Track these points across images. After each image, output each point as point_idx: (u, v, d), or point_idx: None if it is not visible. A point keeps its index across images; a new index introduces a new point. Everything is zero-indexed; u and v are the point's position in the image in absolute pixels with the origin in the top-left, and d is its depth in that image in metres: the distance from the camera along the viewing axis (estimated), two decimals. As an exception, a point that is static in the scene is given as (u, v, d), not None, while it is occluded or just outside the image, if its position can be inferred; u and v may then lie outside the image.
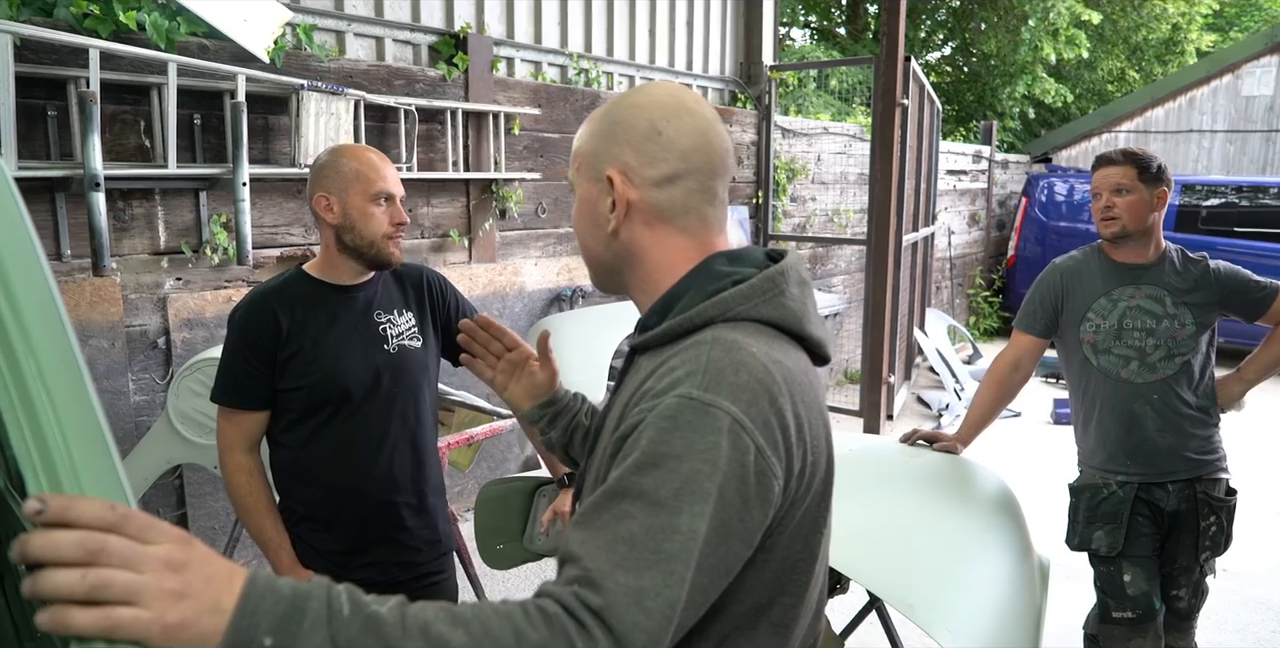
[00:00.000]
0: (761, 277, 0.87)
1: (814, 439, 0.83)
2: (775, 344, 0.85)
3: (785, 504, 0.80)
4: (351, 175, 1.64)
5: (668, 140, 0.89)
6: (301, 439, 1.68)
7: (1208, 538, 2.19)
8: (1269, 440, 5.34)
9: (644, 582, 0.69)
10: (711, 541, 0.73)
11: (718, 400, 0.76)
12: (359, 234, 1.64)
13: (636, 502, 0.72)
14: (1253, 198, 8.04)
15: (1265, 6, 15.96)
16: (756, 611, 0.84)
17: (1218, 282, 2.16)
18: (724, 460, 0.74)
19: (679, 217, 0.91)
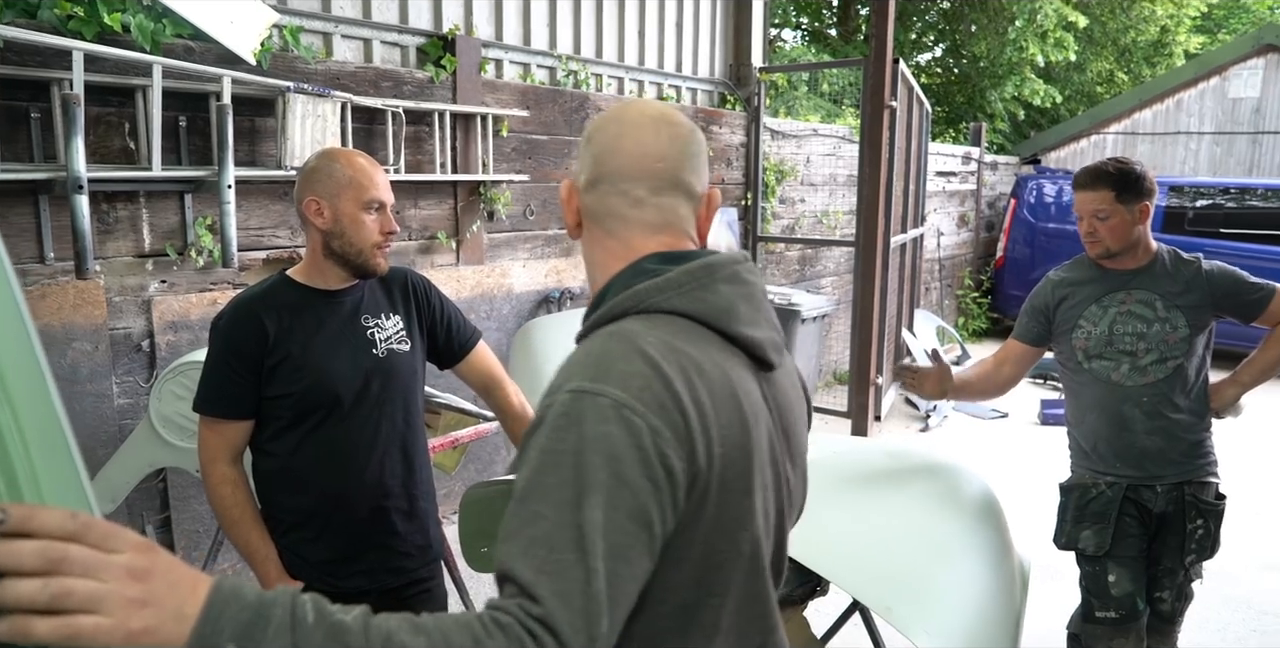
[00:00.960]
0: (679, 270, 0.89)
1: (724, 432, 0.83)
2: (686, 336, 0.86)
3: (696, 492, 0.80)
4: (345, 181, 1.63)
5: (594, 147, 0.97)
6: (290, 447, 1.66)
7: (1194, 541, 2.20)
8: (1256, 442, 5.38)
9: (568, 584, 0.71)
10: (627, 527, 0.74)
11: (606, 389, 0.78)
12: (348, 241, 1.63)
13: (543, 503, 0.74)
14: (1239, 199, 8.09)
15: (1253, 8, 16.06)
16: (683, 611, 0.84)
17: (1210, 283, 2.16)
18: (621, 447, 0.75)
19: (604, 219, 0.97)
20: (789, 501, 0.97)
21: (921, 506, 1.91)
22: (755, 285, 0.94)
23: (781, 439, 0.95)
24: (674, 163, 0.95)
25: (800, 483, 1.01)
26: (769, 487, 0.91)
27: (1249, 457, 5.02)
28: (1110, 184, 2.11)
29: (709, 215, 1.01)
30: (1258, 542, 3.88)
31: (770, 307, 0.97)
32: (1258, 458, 5.06)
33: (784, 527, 0.97)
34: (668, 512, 0.78)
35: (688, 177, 0.97)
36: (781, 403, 0.97)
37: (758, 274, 0.96)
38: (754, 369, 0.92)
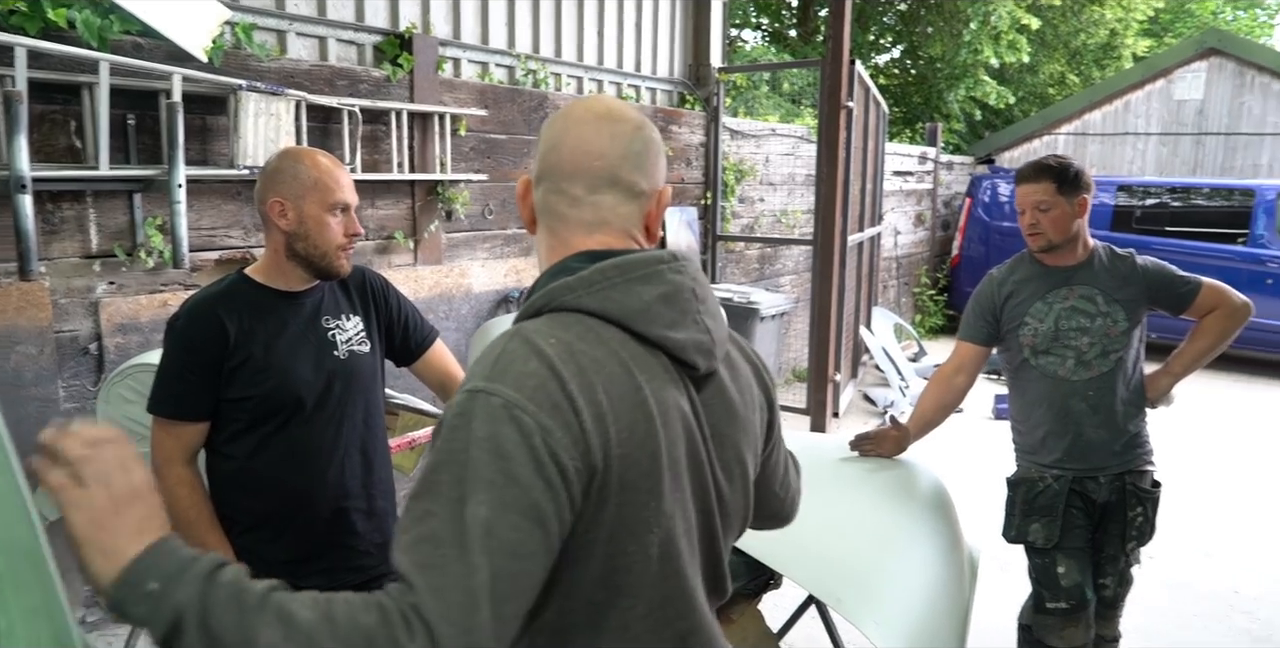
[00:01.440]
0: (593, 269, 0.89)
1: (623, 433, 0.83)
2: (594, 336, 0.86)
3: (594, 492, 0.81)
4: (310, 183, 1.61)
5: (540, 144, 0.98)
6: (249, 449, 1.65)
7: (1134, 528, 2.27)
8: (1190, 431, 5.55)
9: (446, 578, 0.73)
10: (519, 525, 0.75)
11: (499, 389, 0.79)
12: (312, 244, 1.62)
13: (434, 499, 0.76)
14: (1184, 199, 8.33)
15: (1197, 13, 16.51)
16: (593, 608, 0.85)
17: (1145, 277, 2.24)
18: (509, 446, 0.77)
19: (544, 216, 0.98)
20: (721, 510, 0.96)
21: (873, 499, 1.95)
22: (680, 285, 0.91)
23: (713, 447, 0.94)
24: (613, 161, 0.94)
25: (738, 494, 0.99)
26: (688, 491, 0.90)
27: (1180, 445, 5.18)
28: (1052, 176, 2.18)
29: (659, 213, 0.99)
30: (1196, 528, 4.01)
31: (708, 307, 0.94)
32: (1188, 446, 5.22)
33: (715, 535, 0.95)
34: (564, 510, 0.79)
35: (628, 175, 0.95)
36: (719, 410, 0.95)
37: (687, 273, 0.93)
38: (678, 372, 0.90)
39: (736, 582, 1.92)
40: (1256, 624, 3.18)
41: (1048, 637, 2.24)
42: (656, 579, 0.87)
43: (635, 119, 0.96)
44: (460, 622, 0.72)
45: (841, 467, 2.12)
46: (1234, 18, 18.68)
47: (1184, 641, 3.07)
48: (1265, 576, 3.56)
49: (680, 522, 0.88)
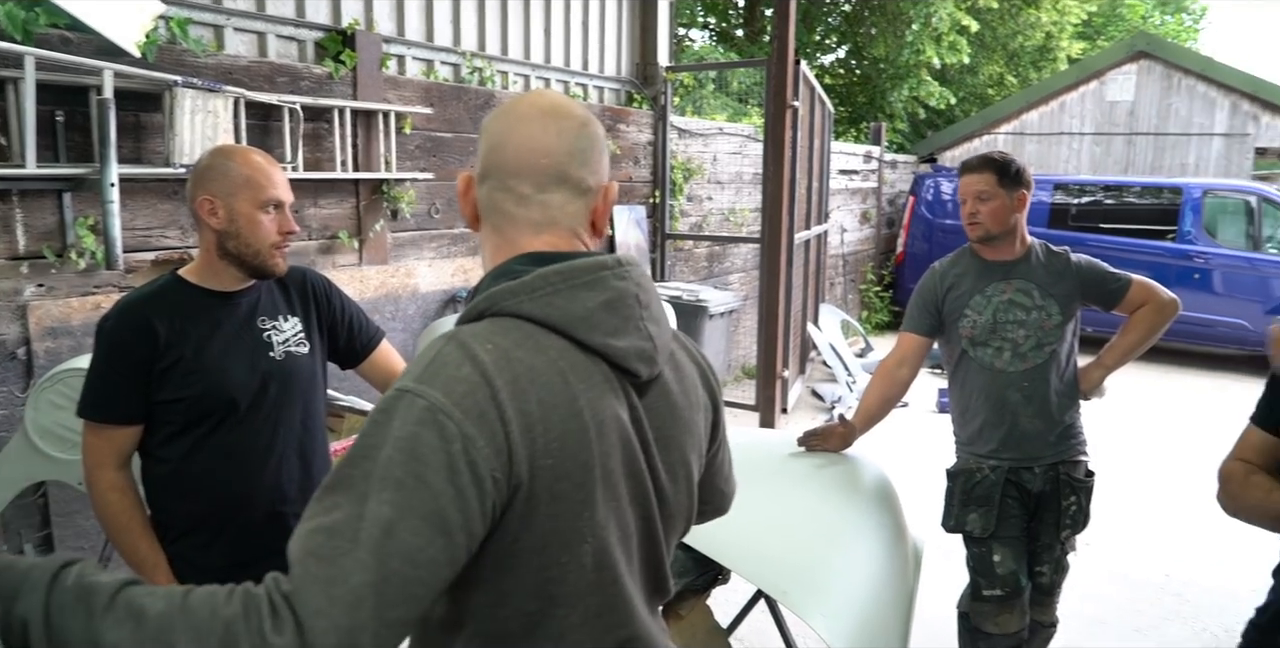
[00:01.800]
0: (535, 274, 0.87)
1: (554, 443, 0.82)
2: (532, 343, 0.84)
3: (520, 502, 0.80)
4: (240, 180, 1.58)
5: (484, 141, 0.95)
6: (182, 452, 1.62)
7: (1068, 517, 2.35)
8: (1121, 421, 5.74)
9: (332, 570, 0.71)
10: (420, 530, 0.73)
11: (427, 391, 0.78)
12: (244, 242, 1.59)
13: (344, 492, 0.75)
14: (1117, 196, 8.61)
15: (1128, 17, 17.06)
16: (526, 618, 0.84)
17: (1079, 273, 2.32)
18: (425, 449, 0.75)
19: (490, 214, 0.95)
20: (664, 512, 0.95)
21: (818, 493, 1.98)
22: (624, 291, 0.90)
23: (658, 450, 0.93)
24: (561, 158, 0.92)
25: (683, 495, 0.98)
26: (625, 499, 0.89)
27: (1112, 436, 5.36)
28: (994, 168, 2.25)
29: (605, 209, 0.97)
30: (1128, 516, 4.15)
31: (651, 313, 0.92)
32: (1120, 437, 5.41)
33: (656, 539, 0.94)
34: (474, 522, 0.77)
35: (577, 172, 0.93)
36: (663, 413, 0.95)
37: (631, 278, 0.91)
38: (619, 379, 0.89)
39: (685, 578, 1.94)
40: (1186, 606, 3.31)
41: (984, 624, 2.31)
42: (592, 588, 0.86)
43: (581, 115, 0.95)
44: (337, 619, 0.69)
45: (788, 462, 2.15)
46: (1162, 22, 19.36)
47: (1119, 624, 3.17)
48: (1194, 560, 3.70)
49: (615, 530, 0.88)
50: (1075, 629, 3.04)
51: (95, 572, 0.73)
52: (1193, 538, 3.91)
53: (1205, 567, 3.63)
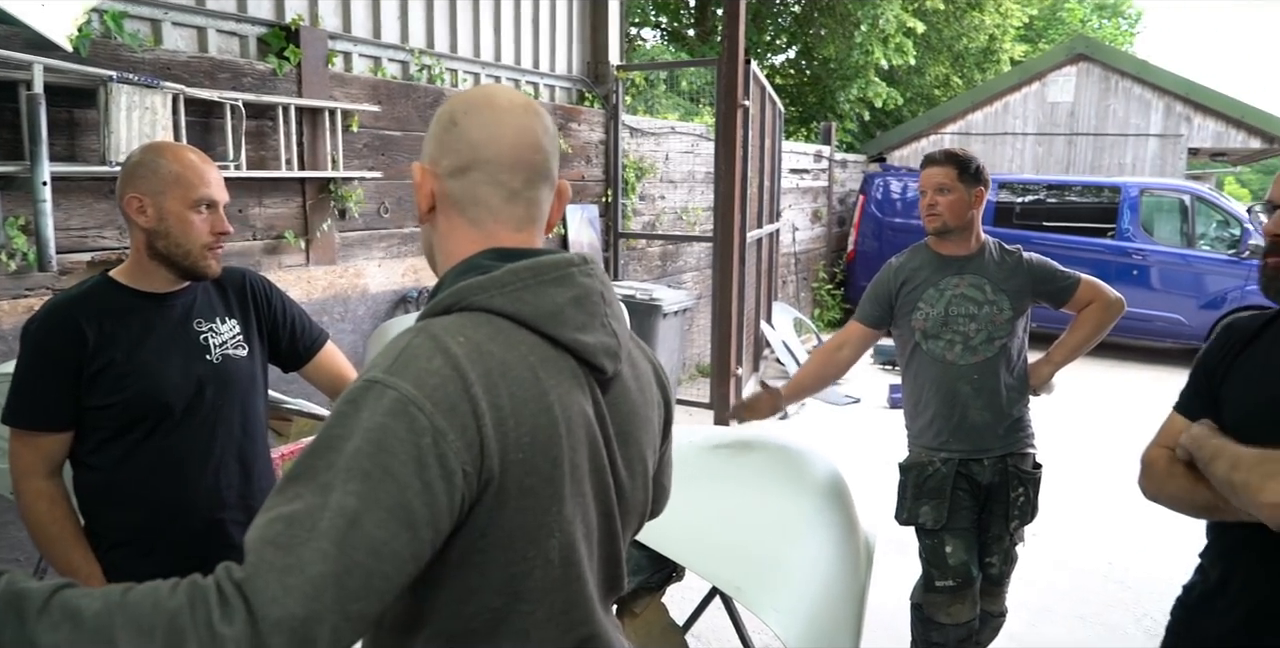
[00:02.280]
0: (505, 269, 0.87)
1: (525, 438, 0.81)
2: (504, 338, 0.84)
3: (490, 497, 0.80)
4: (170, 178, 1.53)
5: (461, 132, 0.92)
6: (115, 459, 1.56)
7: (1016, 508, 2.40)
8: (1066, 414, 5.90)
9: (290, 559, 0.68)
10: (386, 523, 0.72)
11: (398, 383, 0.77)
12: (174, 242, 1.54)
13: (307, 483, 0.73)
14: (1059, 195, 8.84)
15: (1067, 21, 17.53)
16: (491, 615, 0.84)
17: (1030, 271, 2.38)
18: (394, 441, 0.74)
19: (469, 207, 0.93)
20: (622, 508, 0.95)
21: (771, 489, 2.00)
22: (590, 288, 0.90)
23: (618, 446, 0.94)
24: (547, 155, 0.94)
25: (639, 490, 0.98)
26: (589, 495, 0.89)
27: (1058, 428, 5.50)
28: (956, 163, 2.31)
29: (560, 206, 1.00)
30: (1074, 507, 4.26)
31: (614, 310, 0.94)
32: (1065, 429, 5.55)
33: (615, 535, 0.95)
34: (441, 517, 0.75)
35: (554, 170, 0.96)
36: (623, 409, 0.95)
37: (596, 276, 0.92)
38: (585, 375, 0.90)
39: (640, 575, 1.94)
40: (1128, 593, 3.40)
41: (937, 614, 2.34)
42: (558, 584, 0.86)
43: (547, 113, 0.98)
44: (293, 608, 0.66)
45: (741, 459, 2.16)
46: (1100, 26, 19.92)
47: (1065, 612, 3.25)
48: (1135, 548, 3.82)
49: (580, 526, 0.88)
50: (1023, 618, 3.11)
51: (26, 580, 0.69)
52: (1134, 528, 4.03)
53: (1146, 555, 3.74)
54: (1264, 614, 1.25)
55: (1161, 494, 1.36)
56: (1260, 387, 1.29)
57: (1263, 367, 1.31)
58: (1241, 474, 1.14)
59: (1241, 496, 1.13)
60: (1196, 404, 1.38)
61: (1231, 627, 1.28)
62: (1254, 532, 1.19)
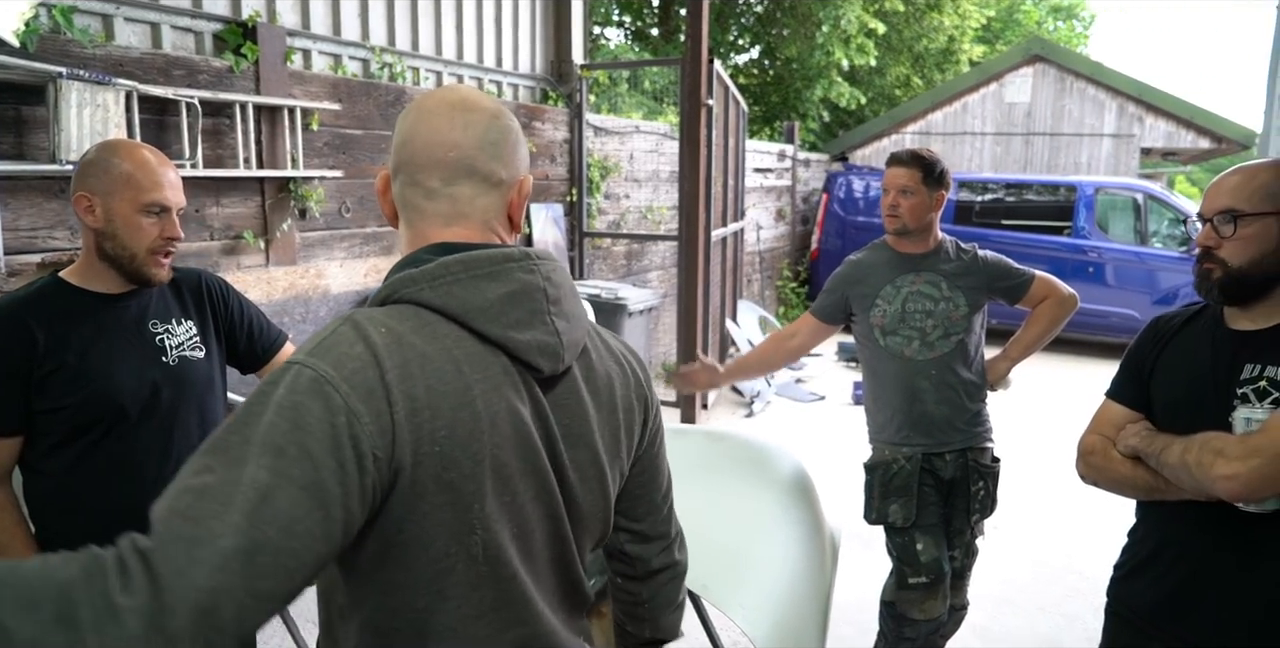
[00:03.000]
0: (436, 262, 0.86)
1: (442, 431, 0.80)
2: (429, 331, 0.83)
3: (403, 488, 0.79)
4: (121, 179, 1.49)
5: (395, 137, 0.95)
6: (67, 464, 1.52)
7: (977, 502, 2.44)
8: (1023, 409, 6.00)
9: (200, 531, 0.67)
10: (300, 501, 0.71)
11: (316, 364, 0.77)
12: (121, 245, 1.51)
13: (219, 456, 0.72)
14: (1017, 194, 8.99)
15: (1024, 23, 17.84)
16: (417, 610, 0.83)
17: (985, 268, 2.42)
18: (311, 419, 0.74)
19: (404, 210, 0.95)
20: (573, 511, 0.93)
21: (736, 485, 2.00)
22: (529, 284, 0.88)
23: (565, 448, 0.91)
24: (468, 151, 0.91)
25: (594, 495, 0.96)
26: (523, 494, 0.87)
27: (1016, 423, 5.60)
28: (921, 166, 2.34)
29: (521, 203, 0.96)
30: (1032, 501, 4.34)
31: (561, 308, 0.91)
32: (1023, 424, 5.65)
33: (564, 538, 0.93)
34: (353, 498, 0.74)
35: (486, 165, 0.92)
36: (573, 410, 0.93)
37: (539, 272, 0.90)
38: (520, 373, 0.88)
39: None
40: (1086, 583, 3.48)
41: (910, 611, 2.37)
42: (486, 581, 0.85)
43: (491, 108, 0.94)
44: (199, 580, 0.65)
45: (706, 456, 2.16)
46: (1055, 28, 20.30)
47: (1026, 603, 3.32)
48: (1092, 540, 3.90)
49: (508, 526, 0.86)
50: (985, 610, 3.16)
51: None
52: (1090, 520, 4.11)
53: (1103, 546, 3.81)
54: (1195, 582, 1.38)
55: (1102, 479, 1.49)
56: (1182, 375, 1.43)
57: (1183, 357, 1.45)
58: (1194, 455, 1.26)
59: (1196, 473, 1.25)
60: (1128, 391, 1.53)
61: (1167, 592, 1.42)
62: (1184, 509, 1.36)
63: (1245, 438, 1.25)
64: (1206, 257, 1.40)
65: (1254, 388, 1.34)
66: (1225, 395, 1.36)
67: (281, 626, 2.54)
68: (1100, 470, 1.48)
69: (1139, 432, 1.43)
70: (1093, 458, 1.50)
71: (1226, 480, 1.21)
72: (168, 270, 1.58)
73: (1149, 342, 1.52)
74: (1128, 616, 1.52)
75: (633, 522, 1.09)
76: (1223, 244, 1.37)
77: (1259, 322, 1.38)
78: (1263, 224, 1.34)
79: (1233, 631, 1.35)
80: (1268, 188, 1.34)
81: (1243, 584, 1.34)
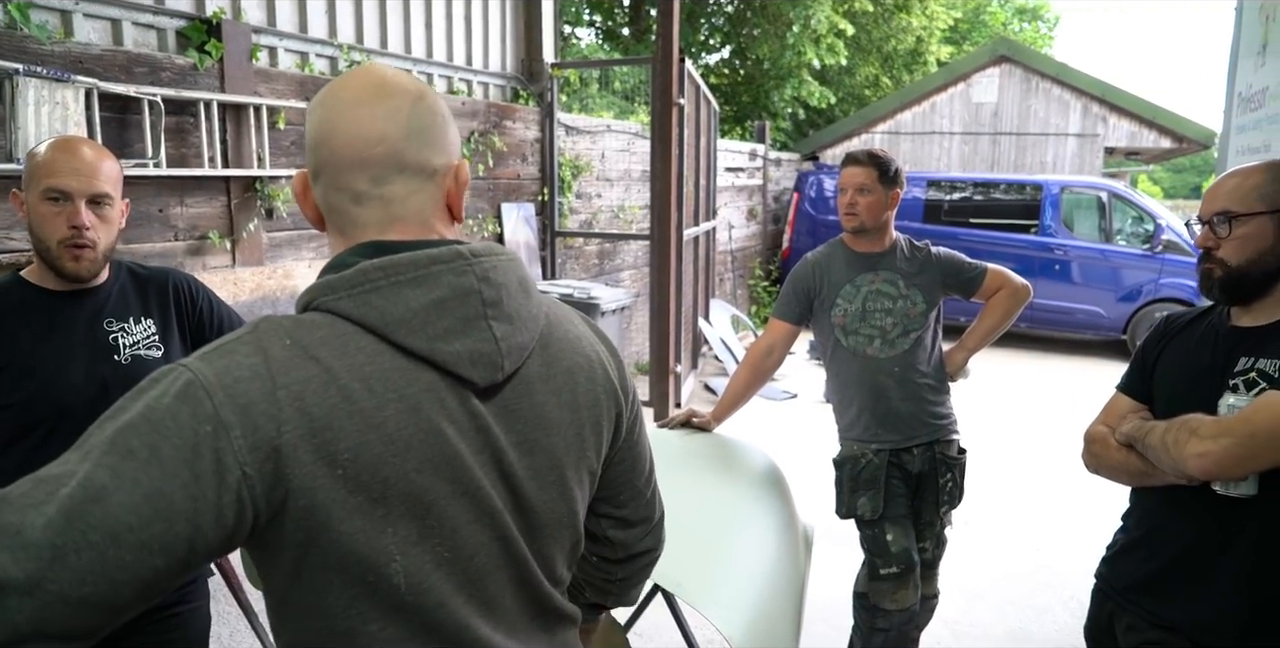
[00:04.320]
0: (355, 269, 0.78)
1: (350, 455, 0.74)
2: (340, 343, 0.77)
3: (296, 513, 0.73)
4: (33, 169, 1.46)
5: (308, 134, 0.85)
6: (14, 464, 1.47)
7: (945, 493, 2.47)
8: (992, 404, 6.08)
9: (14, 518, 0.64)
10: (139, 508, 0.66)
11: (199, 368, 0.73)
12: (37, 238, 1.48)
13: (77, 450, 0.70)
14: (985, 193, 9.10)
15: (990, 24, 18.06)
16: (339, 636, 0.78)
17: (939, 264, 2.45)
18: (170, 422, 0.69)
19: (329, 215, 0.86)
20: (529, 523, 0.88)
21: (708, 483, 2.01)
22: (461, 288, 0.80)
23: (517, 457, 0.85)
24: (396, 143, 0.82)
25: (555, 502, 0.90)
26: (456, 519, 0.81)
27: (984, 418, 5.66)
28: (877, 165, 2.36)
29: (459, 190, 0.88)
30: (1001, 494, 4.39)
31: (503, 310, 0.83)
32: (992, 419, 5.72)
33: (518, 557, 0.87)
34: (204, 517, 0.69)
35: (418, 155, 0.83)
36: (526, 416, 0.86)
37: (478, 273, 0.81)
38: (452, 386, 0.80)
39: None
40: (1055, 577, 3.52)
41: (882, 601, 2.38)
42: (411, 608, 0.79)
43: (414, 89, 0.85)
44: (9, 574, 0.62)
45: (677, 454, 2.16)
46: (1020, 29, 20.58)
47: (996, 596, 3.36)
48: (1061, 533, 3.95)
49: (433, 552, 0.79)
50: (957, 604, 3.20)
51: None
52: (1059, 513, 4.17)
53: (1071, 539, 3.87)
54: (1179, 562, 1.45)
55: (1101, 467, 1.56)
56: (1182, 369, 1.50)
57: (1185, 352, 1.51)
58: (1171, 435, 1.34)
59: (1173, 452, 1.32)
60: (1134, 384, 1.60)
61: (1153, 571, 1.49)
62: (1172, 494, 1.43)
63: (1220, 419, 1.31)
64: (1207, 257, 1.46)
65: (1244, 379, 1.40)
66: (1218, 387, 1.42)
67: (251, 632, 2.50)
68: (1099, 458, 1.55)
69: (1134, 420, 1.50)
70: (1094, 446, 1.57)
71: (1198, 458, 1.28)
72: (88, 264, 1.51)
73: (1156, 338, 1.60)
74: (1108, 592, 1.58)
75: (615, 508, 1.04)
76: (1221, 244, 1.44)
77: (1259, 318, 1.44)
78: (1257, 223, 1.41)
79: (1205, 611, 1.40)
80: (1260, 189, 1.41)
81: (1219, 567, 1.40)
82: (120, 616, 0.68)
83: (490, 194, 5.26)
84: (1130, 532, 1.59)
